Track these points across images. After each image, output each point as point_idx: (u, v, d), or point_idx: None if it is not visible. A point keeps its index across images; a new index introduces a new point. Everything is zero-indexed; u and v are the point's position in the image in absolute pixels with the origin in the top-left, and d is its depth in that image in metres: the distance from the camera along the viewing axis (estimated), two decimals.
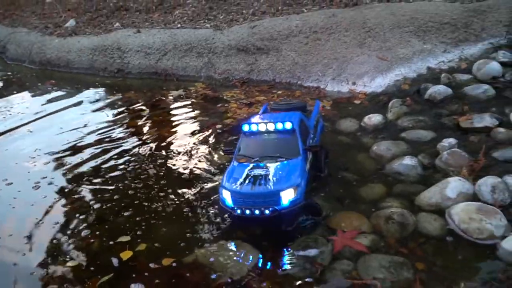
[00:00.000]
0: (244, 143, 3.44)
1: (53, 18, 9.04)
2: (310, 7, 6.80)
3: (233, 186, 3.10)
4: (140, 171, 4.25)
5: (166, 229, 3.41)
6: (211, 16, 7.21)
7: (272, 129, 3.39)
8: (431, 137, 4.19)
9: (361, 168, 3.92)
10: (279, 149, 3.35)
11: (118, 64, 6.95)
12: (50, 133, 5.17)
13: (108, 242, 3.32)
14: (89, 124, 5.35)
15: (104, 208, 3.73)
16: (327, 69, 5.73)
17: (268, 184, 3.06)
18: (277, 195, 3.02)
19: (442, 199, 3.27)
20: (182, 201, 3.73)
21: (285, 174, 3.13)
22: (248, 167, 3.24)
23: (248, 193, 3.05)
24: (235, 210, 3.09)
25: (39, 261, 3.16)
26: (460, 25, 5.90)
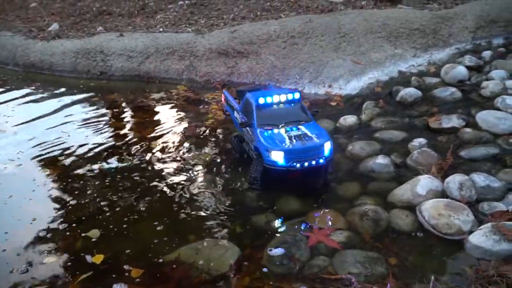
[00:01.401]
0: (262, 114, 3.64)
1: (37, 22, 8.80)
2: (288, 12, 6.80)
3: (285, 146, 3.35)
4: (123, 171, 4.17)
5: (148, 227, 3.34)
6: (192, 21, 7.14)
7: (284, 100, 3.70)
8: (402, 137, 4.22)
9: (337, 167, 3.92)
10: (296, 116, 3.69)
11: (101, 67, 6.81)
12: (33, 135, 5.02)
13: (90, 241, 3.24)
14: (72, 126, 5.22)
15: (86, 208, 3.63)
16: (304, 72, 5.73)
17: (313, 140, 3.42)
18: (322, 147, 3.40)
19: (413, 196, 3.30)
20: (164, 199, 3.67)
21: (317, 132, 3.53)
22: (282, 130, 3.53)
23: (301, 149, 3.35)
24: (289, 165, 3.34)
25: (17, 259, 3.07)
26: (429, 31, 5.99)
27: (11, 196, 3.86)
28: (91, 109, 5.72)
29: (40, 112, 5.70)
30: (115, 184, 3.95)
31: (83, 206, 3.67)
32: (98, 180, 4.05)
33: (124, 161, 4.34)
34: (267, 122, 3.61)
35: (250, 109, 3.72)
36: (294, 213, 3.35)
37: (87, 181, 4.04)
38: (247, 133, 3.82)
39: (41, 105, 6.00)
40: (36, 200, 3.81)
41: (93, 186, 3.95)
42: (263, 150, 3.47)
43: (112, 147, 4.65)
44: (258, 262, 2.88)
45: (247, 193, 3.65)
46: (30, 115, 5.62)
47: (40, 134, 5.03)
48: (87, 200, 3.74)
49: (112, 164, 4.32)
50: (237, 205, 3.53)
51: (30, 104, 6.05)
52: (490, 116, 4.15)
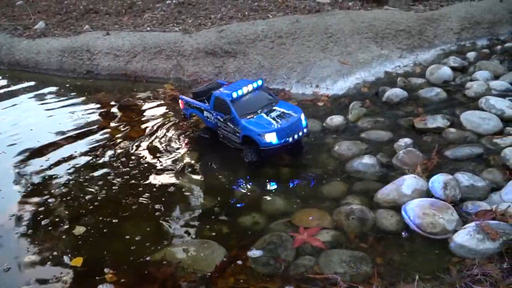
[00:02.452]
0: (238, 106, 3.94)
1: (23, 20, 8.64)
2: (275, 13, 6.77)
3: (274, 127, 3.75)
4: (109, 170, 4.10)
5: (135, 227, 3.30)
6: (179, 20, 7.06)
7: (252, 89, 4.07)
8: (388, 137, 4.22)
9: (323, 167, 3.91)
10: (266, 99, 4.10)
11: (87, 66, 6.69)
12: (18, 133, 4.93)
13: (76, 242, 3.18)
14: (58, 125, 5.13)
15: (72, 207, 3.57)
16: (291, 72, 5.70)
17: (292, 115, 3.89)
18: (300, 119, 3.88)
19: (398, 195, 3.29)
20: (151, 198, 3.62)
21: (290, 108, 4.03)
22: (264, 115, 3.89)
23: (288, 125, 3.78)
24: (282, 142, 3.75)
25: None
26: (415, 32, 6.01)
27: None
28: (79, 108, 5.62)
29: (26, 110, 5.61)
30: (101, 183, 3.89)
31: (67, 205, 3.61)
32: (82, 178, 3.98)
33: (110, 160, 4.27)
34: (246, 112, 3.91)
35: (225, 105, 3.96)
36: (280, 213, 3.33)
37: (70, 180, 3.97)
38: (227, 127, 4.05)
39: (26, 103, 5.89)
40: (17, 198, 3.74)
41: (77, 185, 3.88)
42: (256, 135, 3.75)
43: (98, 145, 4.58)
44: (244, 263, 2.86)
45: (234, 193, 3.62)
46: (15, 113, 5.52)
47: (24, 132, 4.94)
48: (70, 199, 3.68)
49: (97, 162, 4.25)
50: (224, 205, 3.49)
51: (15, 102, 5.93)
52: (474, 116, 4.17)
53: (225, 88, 4.21)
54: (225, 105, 3.97)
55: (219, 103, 4.06)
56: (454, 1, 6.77)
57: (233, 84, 4.26)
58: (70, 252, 3.08)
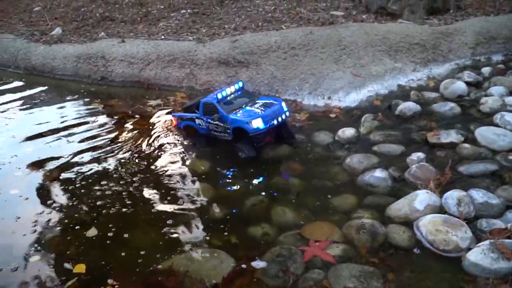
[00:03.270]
0: (224, 105, 4.39)
1: (40, 25, 8.78)
2: (289, 24, 6.78)
3: (260, 114, 4.17)
4: (119, 177, 4.11)
5: (142, 235, 3.29)
6: (194, 29, 7.11)
7: (234, 90, 4.54)
8: (401, 151, 4.17)
9: (334, 179, 3.87)
10: (249, 97, 4.58)
11: (102, 72, 6.76)
12: (30, 138, 4.97)
13: (82, 248, 3.18)
14: (71, 130, 5.17)
15: (81, 213, 3.58)
16: (304, 84, 5.69)
17: (273, 103, 4.37)
18: (281, 106, 4.33)
19: (411, 211, 3.24)
20: (159, 206, 3.61)
21: (270, 99, 4.61)
22: (248, 107, 4.35)
23: (271, 111, 4.22)
24: (267, 126, 4.15)
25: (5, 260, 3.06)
26: (429, 46, 5.97)
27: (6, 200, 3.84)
28: (91, 114, 5.67)
29: (39, 115, 5.66)
30: (108, 190, 3.89)
31: (75, 211, 3.62)
32: (91, 185, 3.99)
33: (120, 167, 4.29)
34: (232, 109, 4.37)
35: (213, 107, 4.41)
36: (290, 225, 3.30)
37: (79, 186, 3.98)
38: (218, 127, 4.47)
39: (41, 108, 5.95)
40: (27, 202, 3.77)
41: (85, 191, 3.89)
42: (244, 124, 4.15)
43: (108, 151, 4.60)
44: (252, 274, 2.82)
45: (244, 203, 3.60)
46: (29, 118, 5.59)
47: (37, 137, 4.99)
48: (79, 205, 3.68)
49: (107, 169, 4.27)
50: (233, 215, 3.47)
51: (30, 107, 6.00)
52: (489, 132, 4.11)
53: (210, 95, 4.68)
54: (212, 107, 4.42)
55: (207, 107, 4.50)
56: (469, 15, 6.72)
57: (217, 91, 4.66)
58: (75, 258, 3.07)
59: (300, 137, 4.66)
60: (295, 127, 4.89)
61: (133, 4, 9.12)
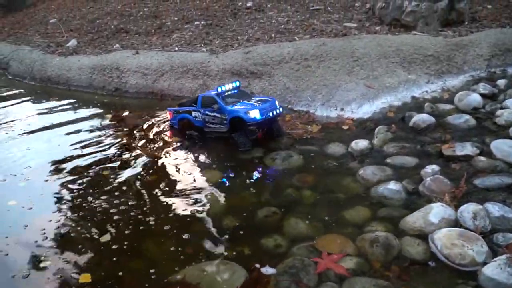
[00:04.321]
0: (224, 98, 4.84)
1: (56, 37, 8.99)
2: (302, 35, 6.84)
3: (257, 106, 4.63)
4: (130, 188, 4.16)
5: (155, 246, 3.31)
6: (207, 41, 7.21)
7: (232, 87, 4.99)
8: (415, 164, 4.15)
9: (347, 191, 3.87)
10: (245, 94, 5.04)
11: (116, 83, 6.89)
12: (46, 149, 5.06)
13: (94, 257, 3.21)
14: (84, 141, 5.26)
15: (92, 223, 3.62)
16: (316, 95, 5.72)
17: (269, 100, 4.85)
18: (275, 102, 4.81)
19: (425, 224, 3.22)
20: (171, 216, 3.64)
21: (265, 97, 5.07)
22: (246, 101, 4.80)
23: (267, 105, 4.68)
24: (264, 118, 4.59)
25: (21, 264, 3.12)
26: (443, 58, 5.97)
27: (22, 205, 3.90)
28: (104, 125, 5.76)
29: (53, 126, 5.77)
30: (120, 200, 3.94)
31: (87, 221, 3.66)
32: (103, 194, 4.04)
33: (132, 177, 4.34)
34: (230, 102, 4.79)
35: (212, 100, 4.83)
36: (303, 236, 3.29)
37: (91, 196, 4.03)
38: (214, 119, 4.88)
39: (55, 119, 6.06)
40: (39, 209, 3.85)
41: (97, 201, 3.94)
42: (243, 113, 4.57)
43: (121, 162, 4.66)
44: (265, 286, 2.82)
45: (256, 214, 3.61)
46: (44, 129, 5.70)
47: (50, 148, 5.08)
48: (91, 215, 3.73)
49: (120, 180, 4.32)
50: (246, 226, 3.48)
51: (45, 118, 6.12)
52: (504, 145, 4.07)
53: (209, 91, 5.16)
54: (212, 100, 4.84)
55: (206, 100, 4.93)
56: (484, 27, 6.71)
57: (215, 88, 5.09)
58: (85, 267, 3.10)
59: (312, 149, 4.68)
60: (307, 138, 4.92)
61: (148, 16, 9.29)
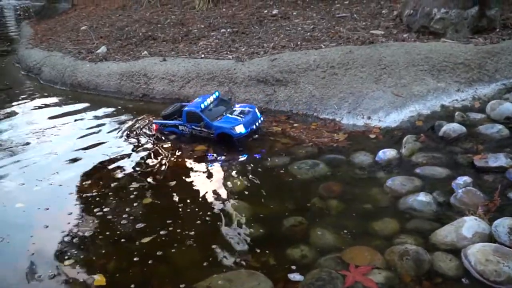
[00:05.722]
0: (207, 114, 5.08)
1: (86, 44, 9.16)
2: (328, 43, 6.75)
3: (241, 121, 4.97)
4: (154, 195, 4.16)
5: (180, 253, 3.29)
6: (233, 48, 7.21)
7: (213, 99, 5.25)
8: (445, 175, 4.01)
9: (375, 202, 3.76)
10: (225, 104, 5.36)
11: (143, 90, 6.96)
12: (72, 157, 5.13)
13: (122, 263, 3.21)
14: (110, 147, 5.32)
15: (119, 228, 3.63)
16: (343, 103, 5.62)
17: (250, 110, 5.21)
18: (256, 112, 5.21)
19: (458, 238, 3.09)
20: (198, 224, 3.61)
21: (245, 106, 5.35)
22: (229, 115, 5.12)
23: (250, 118, 5.06)
24: (248, 131, 4.97)
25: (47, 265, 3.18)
26: (474, 66, 5.78)
27: (47, 208, 3.96)
28: (130, 130, 5.81)
29: (81, 132, 5.84)
30: (143, 205, 3.94)
31: (114, 225, 3.67)
32: (129, 200, 4.05)
33: (158, 183, 4.34)
34: (214, 116, 5.07)
35: (197, 116, 5.05)
36: (330, 247, 3.21)
37: (118, 201, 4.05)
38: (202, 132, 5.13)
39: (83, 125, 6.15)
40: (66, 212, 3.89)
41: (123, 206, 3.95)
42: (229, 130, 4.90)
43: (148, 167, 4.67)
44: None
45: (282, 223, 3.54)
46: (72, 134, 5.77)
47: (77, 154, 5.14)
48: (118, 220, 3.74)
49: (147, 185, 4.33)
50: (272, 235, 3.43)
51: (74, 123, 6.22)
52: None
53: (191, 104, 5.26)
54: (196, 116, 5.04)
55: (190, 116, 5.11)
56: None
57: (196, 100, 5.31)
58: (113, 271, 3.10)
59: (339, 157, 4.59)
60: (333, 147, 4.83)
61: (175, 24, 9.38)
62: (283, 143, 5.05)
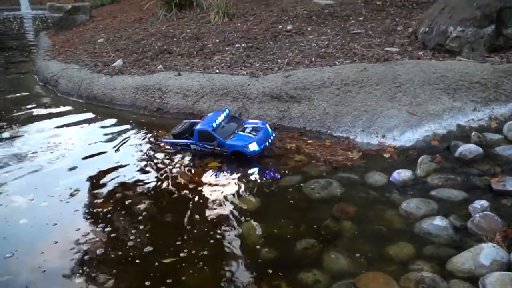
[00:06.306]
0: (219, 132, 5.09)
1: (103, 57, 9.27)
2: (342, 60, 6.73)
3: (254, 138, 5.02)
4: (165, 212, 4.16)
5: (194, 275, 3.26)
6: (247, 64, 7.22)
7: (224, 117, 5.29)
8: (462, 197, 3.93)
9: (389, 225, 3.70)
10: (237, 121, 5.38)
11: (157, 104, 6.99)
12: (84, 169, 5.15)
13: (133, 284, 3.19)
14: (122, 161, 5.33)
15: (133, 248, 3.61)
16: (357, 121, 5.58)
17: (261, 126, 5.27)
18: (267, 128, 5.31)
19: (475, 266, 3.01)
20: (209, 245, 3.58)
21: (256, 122, 5.44)
22: (242, 133, 5.15)
23: (262, 135, 5.11)
24: (262, 148, 5.04)
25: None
26: (491, 85, 5.70)
27: (56, 223, 3.97)
28: (142, 143, 5.83)
29: (95, 146, 5.88)
30: (153, 223, 3.93)
31: (123, 244, 3.65)
32: (139, 219, 4.03)
33: (171, 198, 4.33)
34: (226, 135, 5.09)
35: (209, 135, 5.05)
36: (344, 272, 3.16)
37: (127, 219, 4.04)
38: (214, 150, 5.13)
39: (98, 139, 6.19)
40: (75, 228, 3.89)
41: (133, 224, 3.93)
42: (242, 148, 4.95)
43: (157, 186, 4.67)
44: None
45: (295, 246, 3.49)
46: (85, 148, 5.81)
47: (90, 169, 5.17)
48: (127, 238, 3.72)
49: (159, 201, 4.33)
50: (284, 258, 3.38)
51: (88, 137, 6.27)
52: None
53: (203, 122, 5.26)
54: (209, 135, 5.05)
55: (203, 135, 5.11)
56: None
57: (207, 118, 5.33)
58: None
59: (353, 177, 4.54)
60: (347, 165, 4.78)
61: (190, 37, 9.45)
62: (296, 161, 5.02)
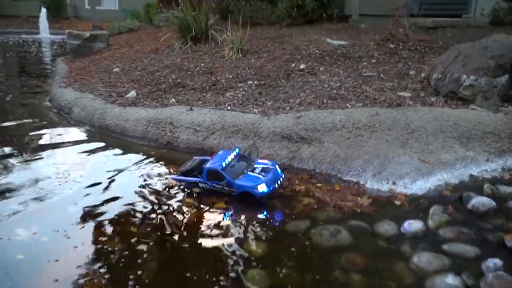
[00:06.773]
0: (228, 172, 5.06)
1: (117, 87, 9.39)
2: (354, 103, 6.75)
3: (263, 179, 4.96)
4: (173, 254, 4.08)
5: None
6: (259, 102, 7.27)
7: (233, 156, 5.28)
8: (475, 254, 3.83)
9: (400, 280, 3.59)
10: (246, 161, 5.36)
11: (168, 137, 7.02)
12: (90, 202, 5.14)
13: None
14: (126, 197, 5.28)
15: (127, 279, 3.54)
16: (367, 165, 5.53)
17: (271, 167, 5.23)
18: (277, 169, 5.24)
19: None
20: (213, 273, 3.51)
21: (266, 162, 5.39)
22: (251, 173, 5.10)
23: (271, 176, 5.05)
24: (271, 189, 4.96)
25: None
26: (504, 136, 5.67)
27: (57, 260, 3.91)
28: (151, 177, 5.82)
29: (104, 177, 5.87)
30: (162, 267, 3.85)
31: (124, 285, 3.58)
32: (144, 259, 3.97)
33: (174, 228, 4.27)
34: (235, 174, 5.05)
35: (218, 174, 5.03)
36: None
37: (131, 258, 3.97)
38: (223, 189, 5.08)
39: (108, 169, 6.18)
40: (75, 265, 3.81)
41: (138, 265, 3.87)
42: (251, 189, 4.90)
43: (162, 217, 4.62)
44: None
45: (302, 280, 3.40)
46: (93, 178, 5.79)
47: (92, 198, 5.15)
48: (128, 278, 3.65)
49: (161, 230, 4.27)
50: None
51: (98, 169, 6.27)
52: None
53: (212, 161, 5.27)
54: (218, 174, 5.02)
55: (211, 173, 5.08)
56: None
57: (217, 157, 5.33)
58: None
59: (362, 225, 4.46)
60: (356, 212, 4.71)
61: (204, 72, 9.58)
62: (305, 204, 4.96)
